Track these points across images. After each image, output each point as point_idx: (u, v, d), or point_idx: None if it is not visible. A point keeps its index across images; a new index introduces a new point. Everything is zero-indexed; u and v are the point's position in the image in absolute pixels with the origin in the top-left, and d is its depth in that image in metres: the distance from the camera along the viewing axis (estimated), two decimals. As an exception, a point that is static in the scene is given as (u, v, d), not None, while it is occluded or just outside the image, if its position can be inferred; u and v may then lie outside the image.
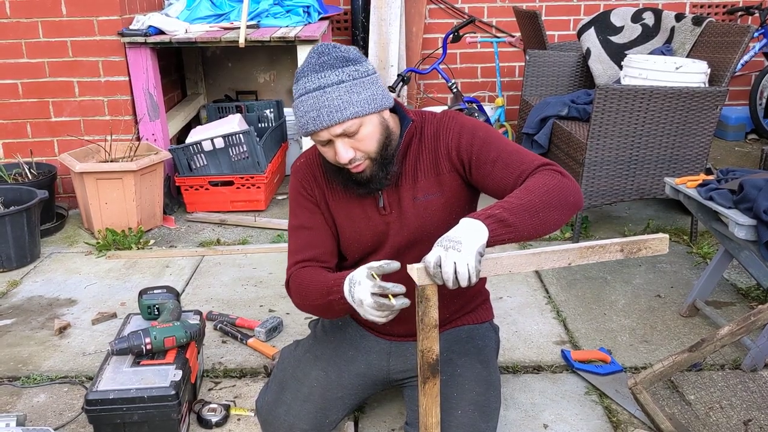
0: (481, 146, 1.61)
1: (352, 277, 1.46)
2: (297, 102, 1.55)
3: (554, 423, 1.96)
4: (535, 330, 2.46)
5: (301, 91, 1.54)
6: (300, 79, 1.55)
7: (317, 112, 1.50)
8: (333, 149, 1.55)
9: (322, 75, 1.51)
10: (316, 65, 1.53)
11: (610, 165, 3.01)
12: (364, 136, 1.54)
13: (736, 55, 2.98)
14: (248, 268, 2.99)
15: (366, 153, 1.56)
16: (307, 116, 1.51)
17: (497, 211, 1.39)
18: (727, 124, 4.90)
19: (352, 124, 1.51)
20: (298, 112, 1.55)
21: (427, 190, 1.67)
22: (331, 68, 1.52)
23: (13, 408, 2.07)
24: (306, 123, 1.52)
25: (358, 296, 1.42)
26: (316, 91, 1.51)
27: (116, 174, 3.22)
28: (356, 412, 2.00)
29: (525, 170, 1.53)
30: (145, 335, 1.88)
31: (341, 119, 1.50)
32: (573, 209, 1.49)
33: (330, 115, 1.49)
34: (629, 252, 1.43)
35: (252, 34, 3.52)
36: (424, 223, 1.66)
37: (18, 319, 2.60)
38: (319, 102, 1.50)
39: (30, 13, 3.40)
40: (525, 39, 4.38)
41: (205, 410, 1.98)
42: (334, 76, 1.51)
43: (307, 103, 1.52)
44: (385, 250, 1.70)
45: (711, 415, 1.97)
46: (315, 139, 1.56)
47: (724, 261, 2.47)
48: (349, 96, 1.50)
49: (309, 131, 1.53)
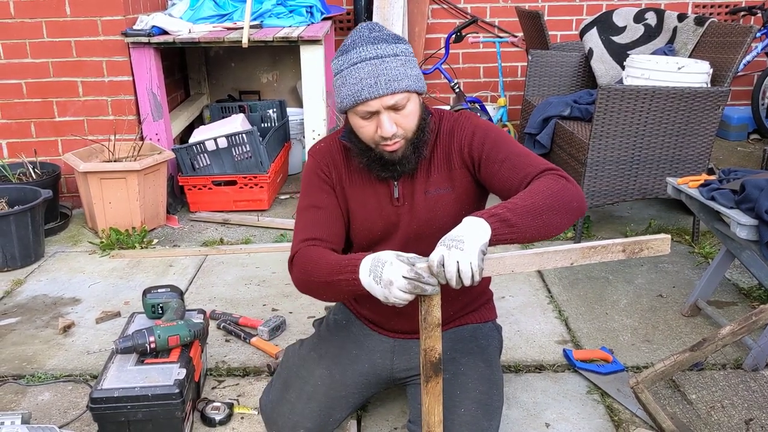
0: (492, 146, 1.63)
1: (377, 257, 1.41)
2: (350, 70, 1.54)
3: (556, 422, 1.97)
4: (537, 329, 2.46)
5: (355, 60, 1.53)
6: (352, 49, 1.55)
7: (375, 79, 1.51)
8: (375, 123, 1.56)
9: (378, 46, 1.53)
10: (369, 38, 1.55)
11: (612, 165, 3.02)
12: (408, 113, 1.57)
13: (738, 55, 2.98)
14: (251, 268, 3.01)
15: (406, 131, 1.58)
16: (363, 83, 1.51)
17: (500, 211, 1.40)
18: (730, 124, 4.90)
19: (404, 97, 1.54)
20: (350, 79, 1.53)
21: (439, 184, 1.69)
22: (386, 42, 1.55)
23: (17, 406, 2.08)
24: (360, 90, 1.52)
25: (388, 276, 1.37)
26: (375, 59, 1.52)
27: (120, 174, 3.23)
28: (359, 411, 2.01)
29: (530, 173, 1.55)
30: (149, 334, 1.89)
31: (398, 89, 1.52)
32: (576, 214, 1.50)
33: (388, 83, 1.51)
34: (631, 252, 1.43)
35: (255, 34, 3.53)
36: (434, 217, 1.68)
37: (22, 318, 2.62)
38: (378, 69, 1.51)
39: (34, 13, 3.41)
40: (527, 39, 4.38)
41: (208, 408, 1.99)
42: (389, 49, 1.54)
43: (363, 70, 1.52)
44: (394, 241, 1.72)
45: (712, 414, 1.98)
46: (361, 110, 1.55)
47: (725, 261, 2.47)
48: (405, 69, 1.54)
49: (362, 99, 1.52)
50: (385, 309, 1.80)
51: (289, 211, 3.68)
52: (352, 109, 1.57)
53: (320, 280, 1.56)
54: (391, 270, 1.37)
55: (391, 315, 1.81)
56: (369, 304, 1.84)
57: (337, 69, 1.57)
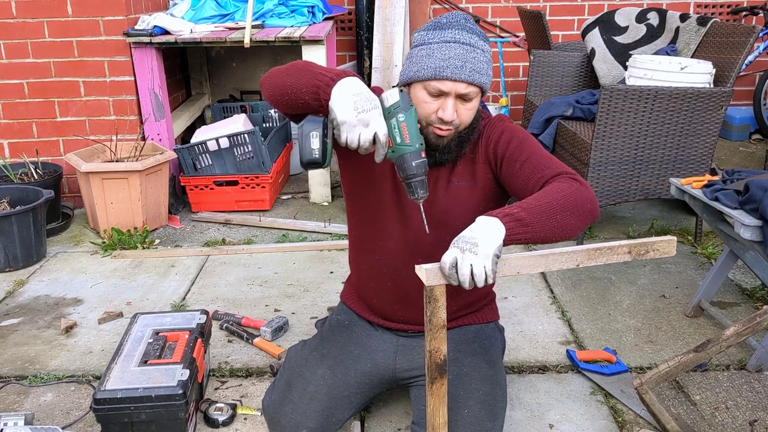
0: (517, 146, 1.65)
1: (370, 95, 1.44)
2: (441, 45, 1.56)
3: (560, 423, 1.96)
4: (541, 330, 2.46)
5: (449, 38, 1.56)
6: (447, 28, 1.57)
7: (462, 63, 1.54)
8: (438, 104, 1.57)
9: (472, 36, 1.57)
10: (465, 26, 1.58)
11: (614, 165, 3.02)
12: (471, 107, 1.60)
13: (740, 55, 2.98)
14: (253, 268, 3.00)
15: (462, 122, 1.61)
16: (450, 62, 1.53)
17: (515, 210, 1.40)
18: (732, 124, 4.90)
19: (475, 91, 1.58)
20: (438, 54, 1.55)
21: (462, 176, 1.71)
22: (478, 36, 1.59)
23: (20, 407, 2.08)
24: (444, 67, 1.54)
25: (372, 120, 1.42)
26: (468, 45, 1.56)
27: (122, 174, 3.23)
28: (362, 412, 2.00)
29: (547, 174, 1.55)
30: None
31: (477, 81, 1.56)
32: (589, 217, 1.51)
33: (472, 72, 1.55)
34: (637, 254, 1.43)
35: (257, 34, 3.53)
36: (451, 208, 1.69)
37: (25, 319, 2.61)
38: (468, 55, 1.55)
39: (36, 13, 3.41)
40: (529, 39, 4.38)
41: (211, 409, 1.98)
42: (480, 43, 1.59)
43: (454, 50, 1.54)
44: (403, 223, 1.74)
45: (716, 415, 1.97)
46: (434, 86, 1.56)
47: (729, 261, 2.47)
48: (487, 66, 1.59)
49: (443, 75, 1.54)
50: (389, 295, 1.81)
51: (291, 212, 3.68)
52: (425, 82, 1.57)
53: (295, 66, 1.56)
54: (378, 121, 1.42)
55: (394, 302, 1.81)
56: (374, 283, 1.84)
57: (425, 41, 1.59)
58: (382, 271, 1.81)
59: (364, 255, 1.85)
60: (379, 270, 1.82)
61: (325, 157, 1.47)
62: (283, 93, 1.54)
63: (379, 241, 1.79)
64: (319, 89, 1.46)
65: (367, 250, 1.83)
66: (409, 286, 1.74)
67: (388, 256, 1.78)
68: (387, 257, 1.79)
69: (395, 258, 1.76)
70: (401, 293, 1.80)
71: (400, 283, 1.78)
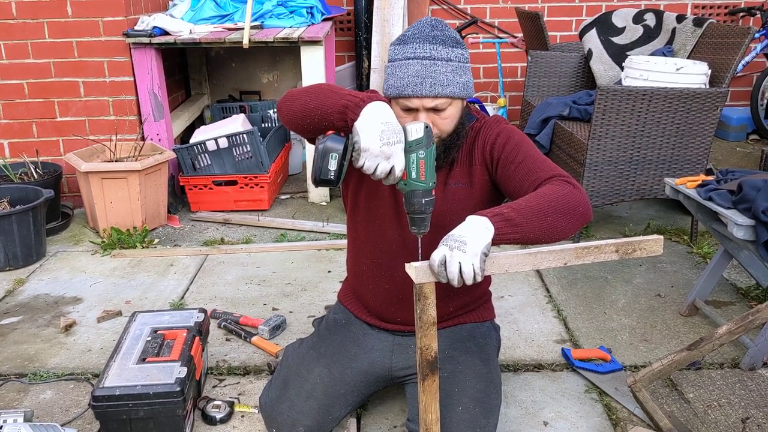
0: (513, 148, 1.65)
1: (397, 125, 1.44)
2: (400, 63, 1.57)
3: (554, 420, 1.98)
4: (536, 329, 2.48)
5: (408, 54, 1.56)
6: (409, 42, 1.57)
7: (421, 79, 1.53)
8: (412, 119, 1.58)
9: (434, 47, 1.56)
10: (429, 36, 1.57)
11: (611, 165, 3.03)
12: (447, 116, 1.60)
13: (736, 56, 3.00)
14: (252, 267, 3.02)
15: (441, 132, 1.61)
16: (409, 80, 1.54)
17: (505, 210, 1.42)
18: (729, 124, 4.92)
19: (445, 102, 1.57)
20: (399, 72, 1.56)
21: (459, 178, 1.72)
22: (443, 44, 1.57)
23: (20, 404, 2.10)
24: (404, 86, 1.55)
25: (394, 153, 1.41)
26: (427, 60, 1.54)
27: (121, 173, 3.25)
28: (359, 409, 2.02)
29: (541, 177, 1.57)
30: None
31: (441, 93, 1.55)
32: (581, 220, 1.52)
33: (433, 87, 1.54)
34: (624, 253, 1.45)
35: (256, 35, 3.55)
36: (448, 210, 1.70)
37: (24, 317, 2.63)
38: (427, 70, 1.54)
39: (36, 13, 3.43)
40: (527, 40, 4.39)
41: (209, 407, 2.00)
42: (445, 52, 1.56)
43: (413, 67, 1.54)
44: (403, 227, 1.74)
45: (709, 413, 1.99)
46: (403, 104, 1.58)
47: (723, 261, 2.48)
48: (453, 76, 1.56)
49: (405, 94, 1.55)
50: (386, 297, 1.82)
51: (290, 211, 3.69)
52: (394, 100, 1.60)
53: (319, 88, 1.56)
54: (400, 157, 1.43)
55: (391, 303, 1.83)
56: (372, 284, 1.86)
57: (392, 57, 1.60)
58: (380, 273, 1.83)
59: (362, 256, 1.87)
60: (376, 272, 1.83)
61: (340, 179, 1.48)
62: (306, 115, 1.53)
63: (377, 244, 1.80)
64: (347, 109, 1.45)
65: (366, 251, 1.85)
66: (406, 288, 1.75)
67: (385, 258, 1.80)
68: (385, 259, 1.80)
69: (393, 260, 1.78)
70: (398, 295, 1.81)
71: (398, 284, 1.79)
